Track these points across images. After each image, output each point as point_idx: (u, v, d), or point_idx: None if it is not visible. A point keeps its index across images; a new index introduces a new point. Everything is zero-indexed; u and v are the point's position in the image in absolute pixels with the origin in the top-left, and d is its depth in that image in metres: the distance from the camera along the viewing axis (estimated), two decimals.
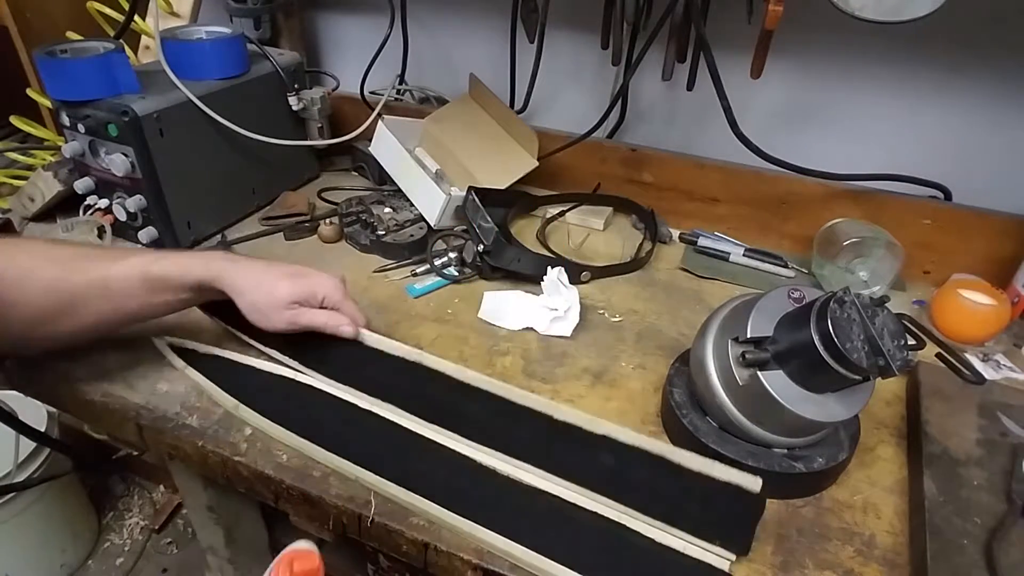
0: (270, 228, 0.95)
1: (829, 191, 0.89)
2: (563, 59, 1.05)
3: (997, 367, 0.74)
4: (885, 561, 0.53)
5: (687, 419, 0.60)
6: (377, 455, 0.57)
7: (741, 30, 0.81)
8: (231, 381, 0.64)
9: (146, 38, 1.05)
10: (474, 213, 0.85)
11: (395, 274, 0.86)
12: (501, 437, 0.59)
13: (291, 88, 0.98)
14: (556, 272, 0.78)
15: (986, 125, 0.87)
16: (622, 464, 0.56)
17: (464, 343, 0.75)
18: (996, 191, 0.87)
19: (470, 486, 0.55)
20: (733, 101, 0.81)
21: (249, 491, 0.61)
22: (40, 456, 1.29)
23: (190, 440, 0.60)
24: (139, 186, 0.82)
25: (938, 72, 0.86)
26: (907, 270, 0.86)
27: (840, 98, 0.93)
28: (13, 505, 1.30)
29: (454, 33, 1.13)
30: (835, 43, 0.89)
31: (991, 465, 0.58)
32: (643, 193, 1.01)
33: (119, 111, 0.77)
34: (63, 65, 0.78)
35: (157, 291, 0.60)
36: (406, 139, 0.99)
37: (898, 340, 0.50)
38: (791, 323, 0.53)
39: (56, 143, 1.02)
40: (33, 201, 0.93)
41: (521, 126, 1.00)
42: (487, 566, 0.51)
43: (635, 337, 0.77)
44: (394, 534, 0.54)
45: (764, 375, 0.53)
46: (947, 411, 0.64)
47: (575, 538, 0.52)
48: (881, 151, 0.94)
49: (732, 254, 0.92)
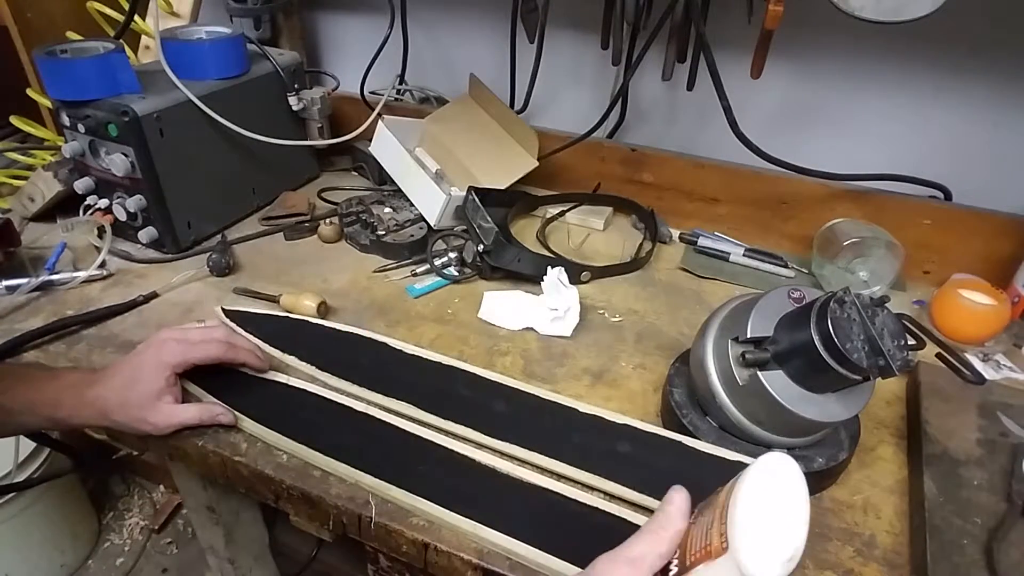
0: (270, 228, 0.95)
1: (829, 191, 0.89)
2: (563, 59, 1.05)
3: (997, 367, 0.74)
4: (885, 561, 0.53)
5: (687, 419, 0.60)
6: (377, 457, 0.57)
7: (741, 30, 0.81)
8: (227, 388, 0.64)
9: (146, 38, 1.05)
10: (474, 213, 0.85)
11: (395, 274, 0.86)
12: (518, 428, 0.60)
13: (291, 88, 0.98)
14: (556, 272, 0.78)
15: (986, 125, 0.87)
16: (638, 450, 0.58)
17: (464, 343, 0.75)
18: (996, 191, 0.87)
19: (470, 485, 0.55)
20: (733, 101, 0.81)
21: (249, 491, 0.61)
22: (40, 456, 1.29)
23: (190, 440, 0.60)
24: (139, 186, 0.82)
25: (938, 72, 0.86)
26: (907, 270, 0.86)
27: (840, 98, 0.93)
28: (13, 505, 1.30)
29: (454, 33, 1.13)
30: (835, 43, 0.89)
31: (991, 465, 0.58)
32: (643, 193, 1.01)
33: (119, 111, 0.77)
34: (63, 65, 0.78)
35: None
36: (406, 139, 0.99)
37: (898, 340, 0.50)
38: (791, 323, 0.53)
39: (56, 143, 1.02)
40: (33, 201, 0.93)
41: (521, 126, 1.00)
42: (487, 566, 0.51)
43: (635, 337, 0.77)
44: (394, 534, 0.54)
45: (764, 375, 0.53)
46: (947, 411, 0.64)
47: (577, 534, 0.52)
48: (881, 151, 0.94)
49: (732, 254, 0.92)
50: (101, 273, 0.82)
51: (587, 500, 0.54)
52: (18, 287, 0.77)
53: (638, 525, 0.52)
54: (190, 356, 0.60)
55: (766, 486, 0.35)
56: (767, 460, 0.36)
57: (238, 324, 0.73)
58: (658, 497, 0.54)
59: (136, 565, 1.52)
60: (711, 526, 0.35)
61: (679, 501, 0.39)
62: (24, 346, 0.70)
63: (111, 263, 0.84)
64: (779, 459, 0.36)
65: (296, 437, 0.59)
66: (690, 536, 0.37)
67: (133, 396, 0.58)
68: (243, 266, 0.87)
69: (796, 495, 0.35)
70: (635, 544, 0.38)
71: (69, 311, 0.76)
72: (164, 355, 0.59)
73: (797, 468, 0.36)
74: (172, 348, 0.59)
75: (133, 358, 0.59)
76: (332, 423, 0.61)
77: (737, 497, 0.35)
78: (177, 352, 0.59)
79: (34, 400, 0.58)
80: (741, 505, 0.34)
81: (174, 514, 1.62)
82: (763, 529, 0.33)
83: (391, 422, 0.61)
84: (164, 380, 0.58)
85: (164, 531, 1.60)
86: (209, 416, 0.60)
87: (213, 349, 0.61)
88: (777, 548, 0.33)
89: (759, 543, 0.33)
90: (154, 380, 0.58)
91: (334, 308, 0.79)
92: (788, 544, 0.33)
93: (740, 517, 0.34)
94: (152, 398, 0.58)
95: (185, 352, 0.60)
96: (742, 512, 0.34)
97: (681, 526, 0.38)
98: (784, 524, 0.34)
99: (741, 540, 0.33)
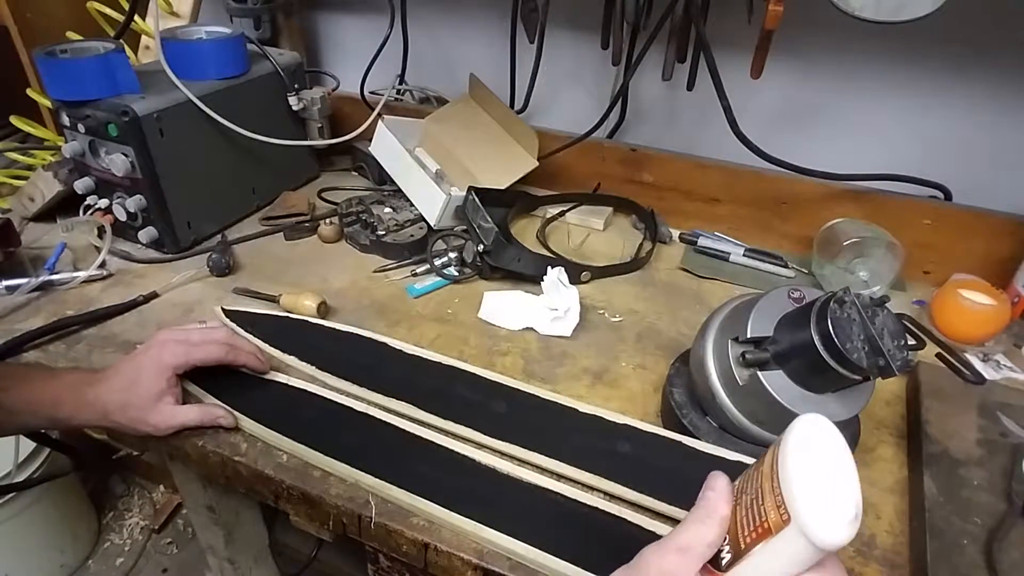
0: (270, 228, 0.95)
1: (829, 191, 0.89)
2: (563, 59, 1.05)
3: (997, 367, 0.74)
4: (885, 561, 0.53)
5: (687, 419, 0.60)
6: (377, 457, 0.57)
7: (741, 30, 0.81)
8: (227, 388, 0.64)
9: (146, 38, 1.05)
10: (474, 213, 0.85)
11: (395, 274, 0.86)
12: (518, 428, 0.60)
13: (291, 88, 0.98)
14: (556, 272, 0.78)
15: (986, 125, 0.87)
16: (638, 450, 0.58)
17: (464, 343, 0.75)
18: (996, 191, 0.87)
19: (470, 485, 0.55)
20: (733, 101, 0.81)
21: (249, 491, 0.61)
22: (40, 456, 1.29)
23: (190, 440, 0.60)
24: (139, 186, 0.82)
25: (938, 72, 0.86)
26: (907, 270, 0.86)
27: (840, 98, 0.93)
28: (13, 505, 1.30)
29: (454, 33, 1.13)
30: (835, 43, 0.89)
31: (991, 465, 0.58)
32: (643, 193, 1.01)
33: (119, 111, 0.77)
34: (63, 65, 0.78)
35: None
36: (406, 139, 0.99)
37: (898, 340, 0.50)
38: (791, 323, 0.53)
39: (56, 143, 1.02)
40: (33, 201, 0.93)
41: (521, 126, 1.00)
42: (487, 566, 0.51)
43: (635, 337, 0.77)
44: (394, 534, 0.54)
45: (764, 375, 0.53)
46: (947, 411, 0.63)
47: (577, 534, 0.52)
48: (881, 151, 0.94)
49: (732, 254, 0.92)
50: (101, 273, 0.82)
51: (587, 500, 0.54)
52: (18, 287, 0.77)
53: (638, 526, 0.52)
54: (191, 357, 0.60)
55: (811, 449, 0.33)
56: (802, 423, 0.35)
57: (238, 324, 0.73)
58: (658, 497, 0.54)
59: (136, 565, 1.52)
60: (761, 502, 0.34)
61: (720, 486, 0.37)
62: (24, 346, 0.70)
63: (111, 263, 0.84)
64: (813, 419, 0.35)
65: (296, 437, 0.59)
66: (737, 518, 0.36)
67: (134, 397, 0.58)
68: (243, 266, 0.87)
69: (839, 452, 0.34)
70: (682, 533, 0.37)
71: (69, 311, 0.76)
72: (165, 356, 0.59)
73: (833, 425, 0.35)
74: (173, 349, 0.59)
75: (134, 359, 0.59)
76: (332, 423, 0.61)
77: (787, 465, 0.33)
78: (178, 353, 0.59)
79: (34, 400, 0.58)
80: (794, 472, 0.33)
81: (174, 514, 1.62)
82: (822, 492, 0.32)
83: (391, 422, 0.61)
84: (165, 381, 0.58)
85: (164, 531, 1.60)
86: (210, 418, 0.60)
87: (214, 351, 0.61)
88: (841, 509, 0.31)
89: (823, 507, 0.31)
90: (155, 381, 0.58)
91: (334, 308, 0.79)
92: (849, 502, 0.32)
93: (796, 484, 0.32)
94: (153, 399, 0.58)
95: (186, 353, 0.60)
96: (797, 479, 0.32)
97: (726, 511, 0.36)
98: (838, 483, 0.32)
99: (804, 507, 0.32)
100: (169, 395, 0.59)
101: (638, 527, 0.52)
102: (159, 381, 0.58)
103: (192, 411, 0.59)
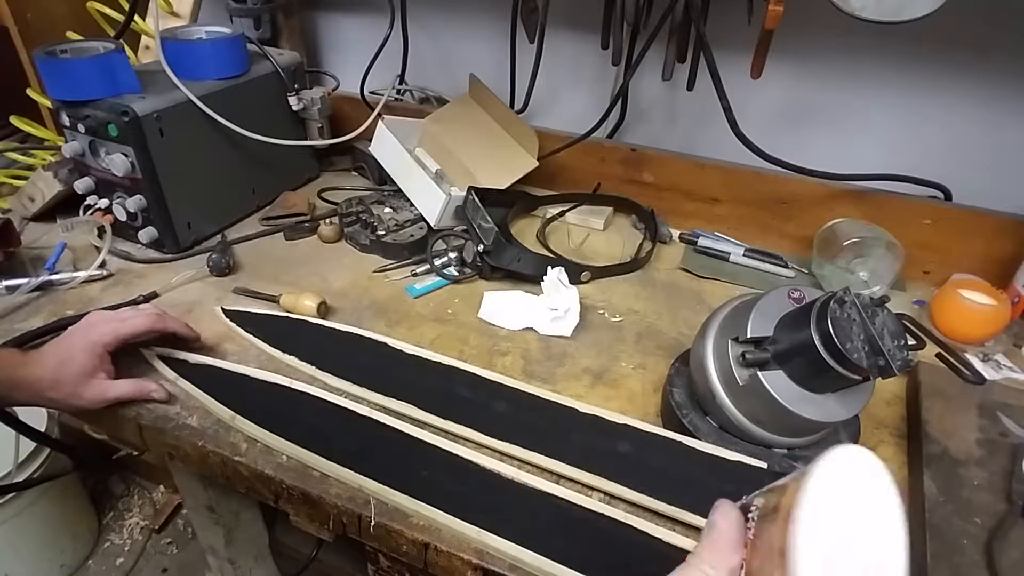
0: (270, 228, 0.95)
1: (829, 191, 0.89)
2: (563, 59, 1.05)
3: (997, 367, 0.74)
4: None
5: (687, 419, 0.60)
6: (379, 462, 0.57)
7: (741, 30, 0.81)
8: (227, 391, 0.64)
9: (146, 38, 1.05)
10: (474, 213, 0.85)
11: (395, 274, 0.86)
12: (518, 428, 0.60)
13: (291, 88, 0.98)
14: (556, 272, 0.78)
15: (986, 125, 0.87)
16: (638, 450, 0.58)
17: (464, 343, 0.75)
18: (996, 191, 0.87)
19: (472, 490, 0.55)
20: (733, 101, 0.81)
21: (249, 491, 0.61)
22: (40, 456, 1.29)
23: (190, 440, 0.60)
24: (139, 186, 0.82)
25: (938, 72, 0.86)
26: (907, 270, 0.86)
27: (840, 98, 0.93)
28: (13, 505, 1.30)
29: (454, 33, 1.13)
30: (835, 43, 0.89)
31: (991, 465, 0.58)
32: (643, 193, 1.01)
33: (119, 111, 0.77)
34: (63, 65, 0.78)
35: None
36: (406, 139, 0.99)
37: (898, 340, 0.50)
38: (791, 323, 0.53)
39: (56, 143, 1.02)
40: (33, 201, 0.93)
41: (521, 126, 1.00)
42: (487, 566, 0.51)
43: (635, 337, 0.77)
44: (394, 534, 0.54)
45: (764, 375, 0.53)
46: (947, 411, 0.63)
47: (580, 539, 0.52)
48: (881, 151, 0.94)
49: (732, 254, 0.92)
50: (101, 273, 0.82)
51: (590, 505, 0.54)
52: (18, 287, 0.77)
53: (640, 530, 0.52)
54: (119, 333, 0.63)
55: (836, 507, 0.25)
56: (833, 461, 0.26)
57: (238, 324, 0.73)
58: (658, 497, 0.54)
59: (136, 565, 1.52)
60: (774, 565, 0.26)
61: (726, 528, 0.31)
62: (24, 346, 0.70)
63: (111, 263, 0.84)
64: (850, 456, 0.26)
65: (298, 441, 0.59)
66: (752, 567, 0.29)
67: (66, 374, 0.60)
68: (243, 266, 0.87)
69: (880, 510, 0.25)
70: None
71: (69, 311, 0.76)
72: (93, 335, 0.62)
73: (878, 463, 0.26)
74: (101, 329, 0.62)
75: (64, 340, 0.62)
76: (333, 427, 0.61)
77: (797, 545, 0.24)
78: (106, 332, 0.62)
79: None
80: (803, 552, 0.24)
81: (174, 514, 1.62)
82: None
83: (393, 425, 0.61)
84: (97, 359, 0.61)
85: (164, 531, 1.59)
86: (142, 392, 0.63)
87: (141, 321, 0.65)
88: None
89: None
90: (86, 359, 0.61)
91: (334, 308, 0.79)
92: None
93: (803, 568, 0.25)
94: (85, 375, 0.61)
95: (114, 331, 0.63)
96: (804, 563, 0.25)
97: (735, 561, 0.30)
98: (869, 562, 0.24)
99: None
100: (101, 371, 0.62)
101: (642, 532, 0.52)
102: (91, 359, 0.61)
103: (125, 385, 0.62)
